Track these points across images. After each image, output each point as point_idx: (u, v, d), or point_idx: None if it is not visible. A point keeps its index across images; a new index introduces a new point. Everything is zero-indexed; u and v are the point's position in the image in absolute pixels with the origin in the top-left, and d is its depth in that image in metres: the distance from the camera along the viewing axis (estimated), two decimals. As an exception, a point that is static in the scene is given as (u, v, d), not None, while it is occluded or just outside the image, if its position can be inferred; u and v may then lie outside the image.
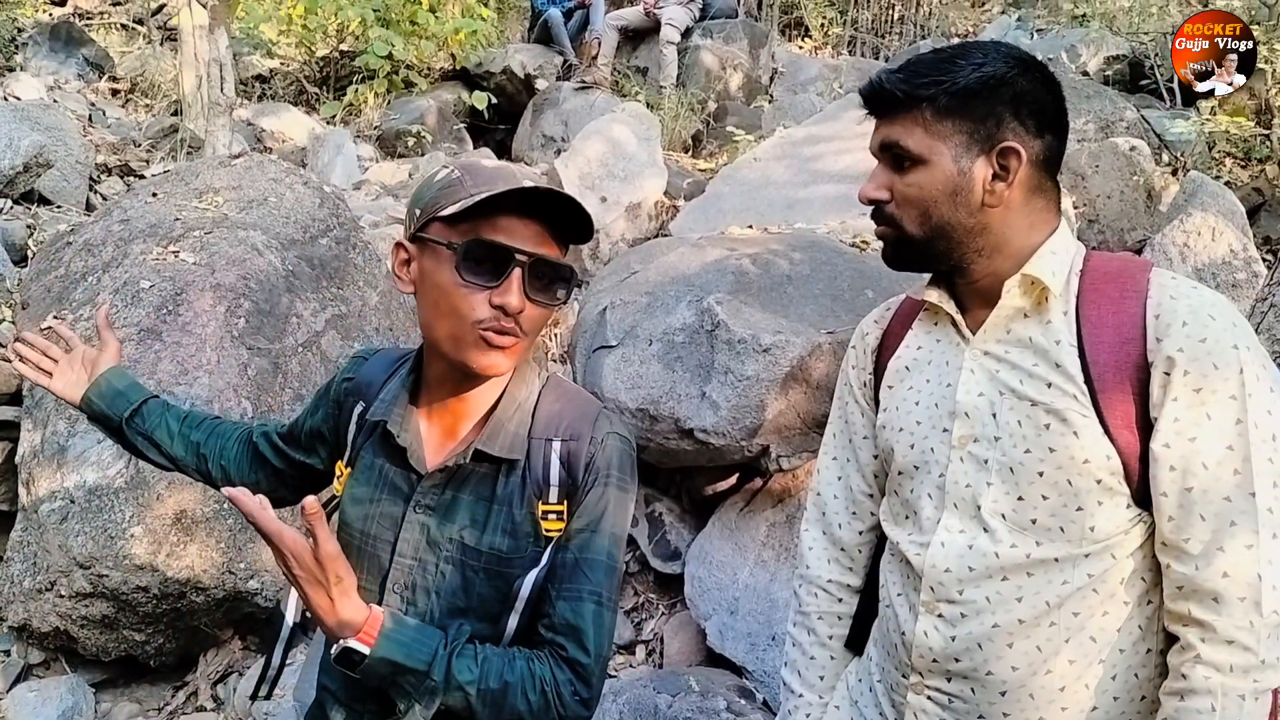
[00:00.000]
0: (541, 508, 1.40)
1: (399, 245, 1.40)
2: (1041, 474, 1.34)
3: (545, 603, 1.39)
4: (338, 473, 1.53)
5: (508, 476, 1.41)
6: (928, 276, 1.54)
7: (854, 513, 1.69)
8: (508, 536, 1.40)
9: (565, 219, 1.36)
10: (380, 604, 1.42)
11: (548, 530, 1.40)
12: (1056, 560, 1.34)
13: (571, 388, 1.54)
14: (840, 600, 1.71)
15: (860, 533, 1.69)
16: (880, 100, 1.42)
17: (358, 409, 1.53)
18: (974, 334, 1.44)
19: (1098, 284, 1.37)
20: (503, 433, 1.41)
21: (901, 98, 1.37)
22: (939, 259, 1.42)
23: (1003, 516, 1.37)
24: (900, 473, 1.52)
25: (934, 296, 1.49)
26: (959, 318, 1.46)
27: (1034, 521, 1.35)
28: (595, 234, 5.09)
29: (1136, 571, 1.35)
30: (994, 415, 1.39)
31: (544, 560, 1.39)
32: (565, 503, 1.41)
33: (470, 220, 1.30)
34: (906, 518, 1.51)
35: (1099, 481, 1.31)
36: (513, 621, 1.39)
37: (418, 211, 1.37)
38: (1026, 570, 1.35)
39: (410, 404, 1.48)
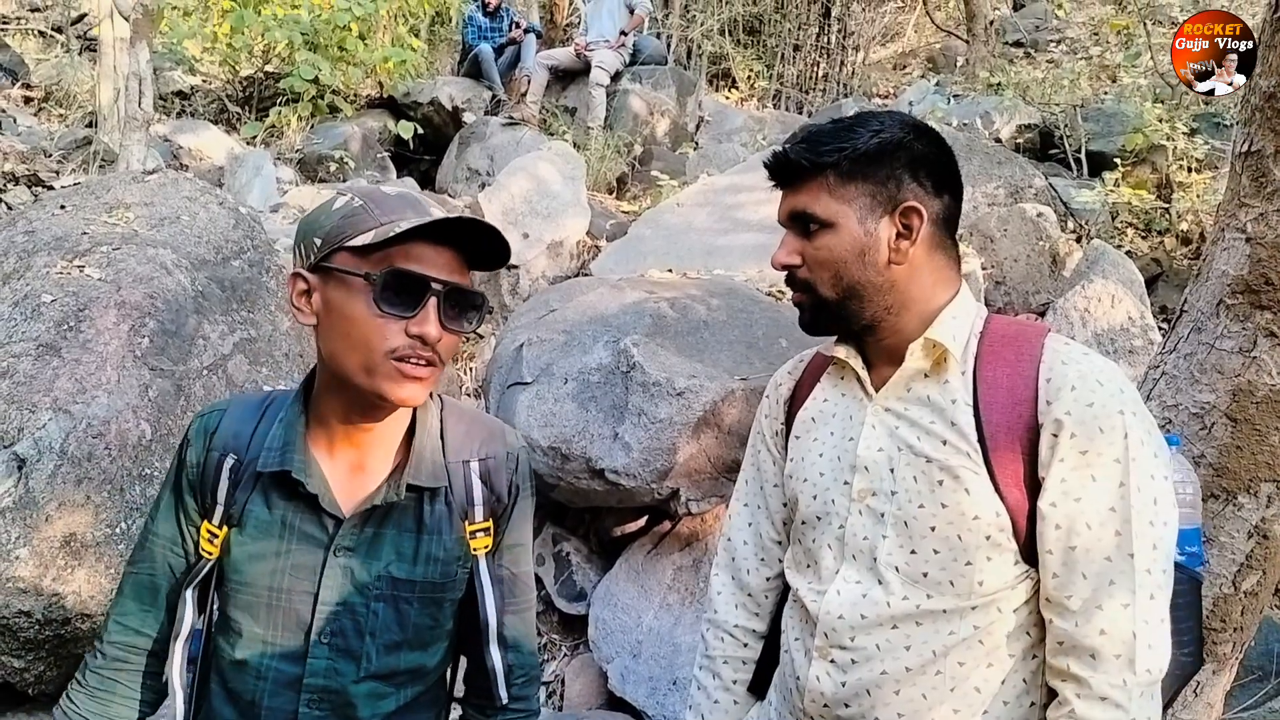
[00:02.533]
0: (469, 528, 1.44)
1: (297, 276, 1.34)
2: (934, 528, 1.37)
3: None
4: (206, 535, 1.42)
5: (432, 504, 1.43)
6: None
7: (762, 559, 1.71)
8: (440, 564, 1.42)
9: (476, 246, 1.35)
10: (306, 656, 1.39)
11: (475, 549, 1.45)
12: (945, 611, 1.37)
13: (468, 408, 1.56)
14: (745, 645, 1.73)
15: (768, 579, 1.71)
16: (786, 171, 1.46)
17: (228, 463, 1.43)
18: (877, 390, 1.48)
19: (995, 346, 1.42)
20: (424, 462, 1.42)
21: (807, 166, 1.42)
22: (853, 319, 1.46)
23: (896, 569, 1.40)
24: (804, 522, 1.55)
25: (842, 353, 1.53)
26: (864, 374, 1.50)
27: (925, 575, 1.38)
28: (516, 270, 5.06)
29: (1022, 626, 1.38)
30: (891, 470, 1.42)
31: (485, 581, 1.46)
32: (491, 520, 1.47)
33: (382, 250, 1.28)
34: (808, 566, 1.54)
35: (988, 538, 1.35)
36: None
37: (318, 241, 1.31)
38: (915, 620, 1.39)
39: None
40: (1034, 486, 1.34)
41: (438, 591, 1.43)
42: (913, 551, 1.39)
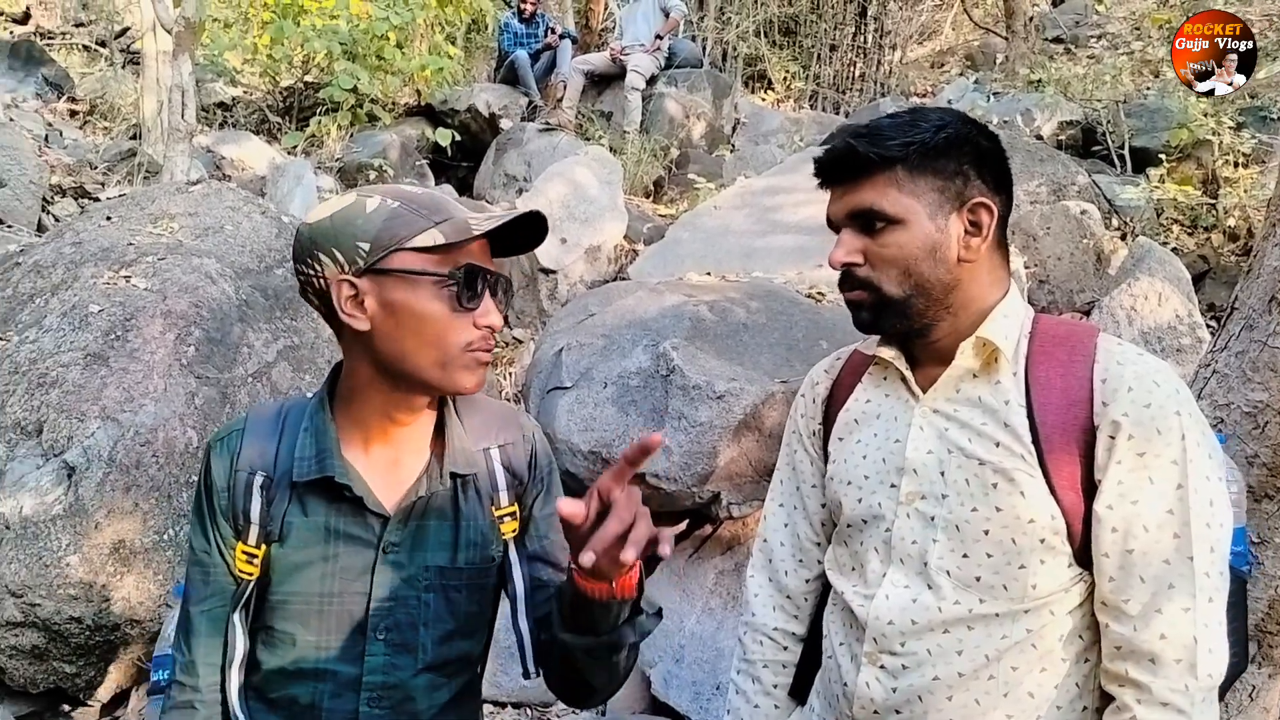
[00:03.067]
0: (495, 513, 1.47)
1: (343, 282, 1.32)
2: (987, 532, 1.35)
3: (542, 589, 1.49)
4: (242, 557, 1.41)
5: (465, 492, 1.45)
6: None
7: (800, 560, 1.69)
8: (479, 549, 1.45)
9: (506, 238, 1.39)
10: (365, 654, 1.40)
11: (503, 533, 1.48)
12: (997, 615, 1.35)
13: (477, 397, 1.57)
14: (785, 648, 1.70)
15: (806, 580, 1.69)
16: (848, 165, 1.41)
17: (258, 481, 1.42)
18: (923, 391, 1.46)
19: (1046, 347, 1.40)
20: (458, 450, 1.44)
21: (875, 160, 1.37)
22: (916, 317, 1.42)
23: (948, 573, 1.38)
24: (849, 525, 1.53)
25: (887, 353, 1.50)
26: (909, 374, 1.48)
27: (978, 579, 1.36)
28: (554, 275, 5.07)
29: (1075, 629, 1.36)
30: (942, 473, 1.40)
31: (514, 560, 1.48)
32: (516, 504, 1.50)
33: (445, 250, 1.29)
34: (853, 569, 1.52)
35: (1042, 541, 1.33)
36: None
37: (364, 245, 1.30)
38: (968, 624, 1.37)
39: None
40: (1089, 489, 1.32)
41: (483, 577, 1.47)
42: (965, 555, 1.37)
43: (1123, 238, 6.09)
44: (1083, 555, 1.34)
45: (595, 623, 1.24)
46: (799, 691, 1.70)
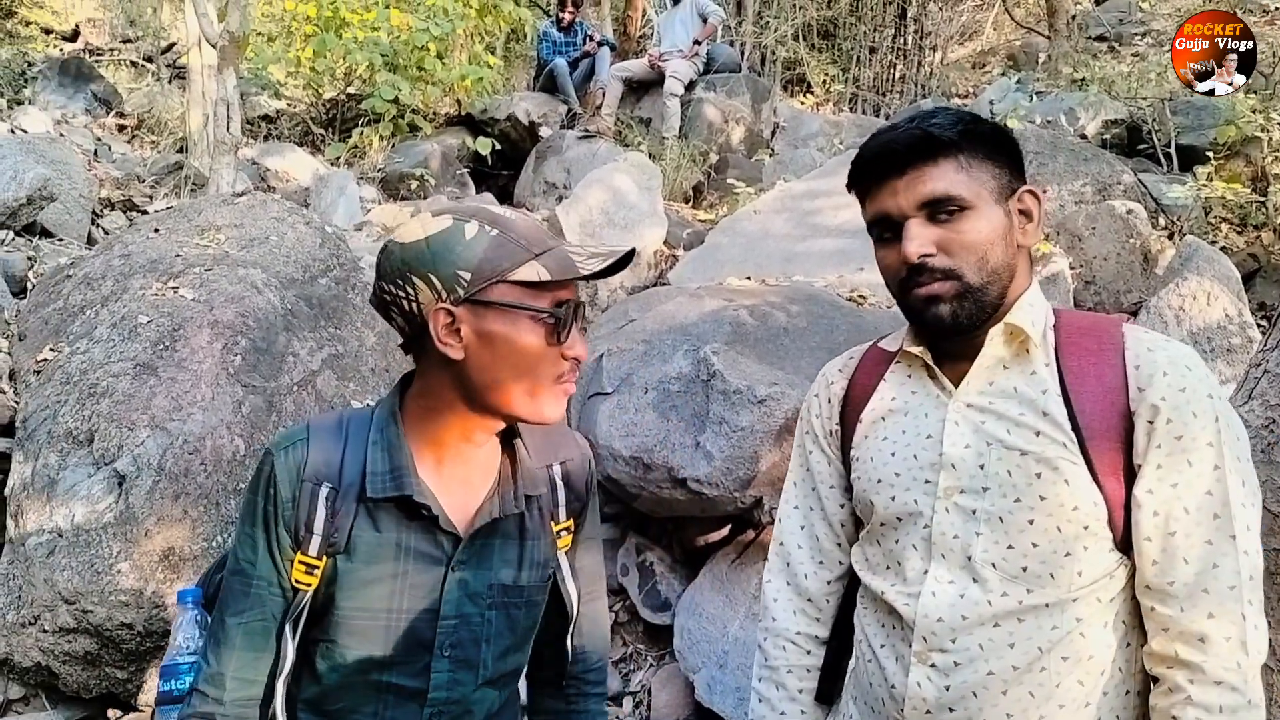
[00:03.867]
0: (555, 528, 1.51)
1: (441, 310, 1.30)
2: (1031, 522, 1.35)
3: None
4: (301, 567, 1.39)
5: (531, 511, 1.47)
6: (904, 327, 1.56)
7: (820, 562, 1.68)
8: (540, 567, 1.48)
9: None
10: (430, 670, 1.41)
11: (560, 547, 1.53)
12: (1047, 606, 1.35)
13: None
14: (808, 652, 1.69)
15: (827, 582, 1.68)
16: (917, 152, 1.39)
17: (323, 493, 1.38)
18: (954, 386, 1.46)
19: (1074, 337, 1.42)
20: (528, 472, 1.47)
21: (947, 143, 1.37)
22: (989, 306, 1.40)
23: (994, 565, 1.37)
24: (882, 524, 1.51)
25: (916, 348, 1.50)
26: (937, 369, 1.48)
27: (1025, 569, 1.36)
28: (594, 281, 5.08)
29: (1119, 615, 1.37)
30: (981, 466, 1.39)
31: (568, 576, 1.53)
32: (571, 519, 1.55)
33: (544, 284, 1.29)
34: (888, 568, 1.51)
35: (1086, 528, 1.33)
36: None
37: (465, 275, 1.27)
38: (1018, 617, 1.36)
39: None
40: (1129, 474, 1.33)
41: (541, 594, 1.50)
42: (1009, 546, 1.37)
43: (1170, 237, 5.98)
44: (1124, 540, 1.35)
45: None
46: (822, 695, 1.69)
